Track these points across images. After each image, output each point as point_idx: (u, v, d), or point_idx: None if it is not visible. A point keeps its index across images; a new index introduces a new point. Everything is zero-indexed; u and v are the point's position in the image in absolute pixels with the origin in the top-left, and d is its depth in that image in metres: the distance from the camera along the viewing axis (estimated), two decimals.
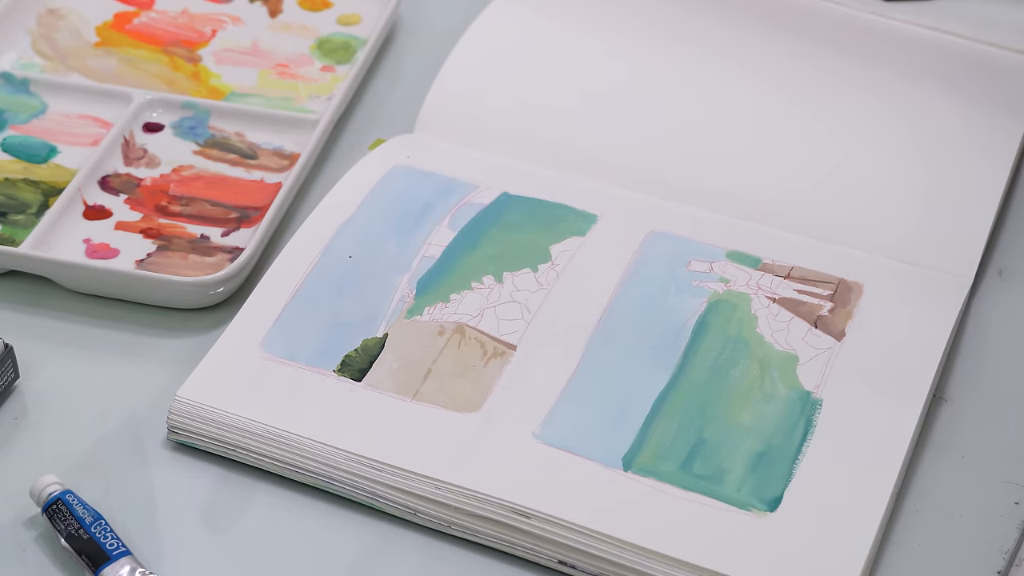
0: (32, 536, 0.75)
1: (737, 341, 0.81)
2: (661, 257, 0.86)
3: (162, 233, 0.90)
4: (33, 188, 0.93)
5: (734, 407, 0.78)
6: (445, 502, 0.74)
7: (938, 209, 0.90)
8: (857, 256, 0.86)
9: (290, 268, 0.85)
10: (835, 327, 0.82)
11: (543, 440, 0.76)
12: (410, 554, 0.74)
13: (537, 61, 1.00)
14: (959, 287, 0.85)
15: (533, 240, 0.87)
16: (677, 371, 0.79)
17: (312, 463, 0.76)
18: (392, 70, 1.04)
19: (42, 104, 1.00)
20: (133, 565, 0.72)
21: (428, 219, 0.88)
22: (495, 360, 0.80)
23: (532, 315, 0.82)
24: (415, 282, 0.84)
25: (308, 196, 0.94)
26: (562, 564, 0.73)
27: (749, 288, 0.84)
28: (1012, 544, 0.74)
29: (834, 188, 0.91)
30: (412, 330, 0.82)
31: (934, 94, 0.96)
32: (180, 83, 1.02)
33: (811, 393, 0.78)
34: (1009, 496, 0.76)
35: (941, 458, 0.78)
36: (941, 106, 0.95)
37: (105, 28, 1.06)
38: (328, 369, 0.80)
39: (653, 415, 0.77)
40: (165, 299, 0.86)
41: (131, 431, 0.80)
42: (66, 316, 0.86)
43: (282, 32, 1.07)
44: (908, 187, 0.91)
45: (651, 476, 0.74)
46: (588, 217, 0.88)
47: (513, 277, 0.85)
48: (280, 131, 0.98)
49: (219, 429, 0.77)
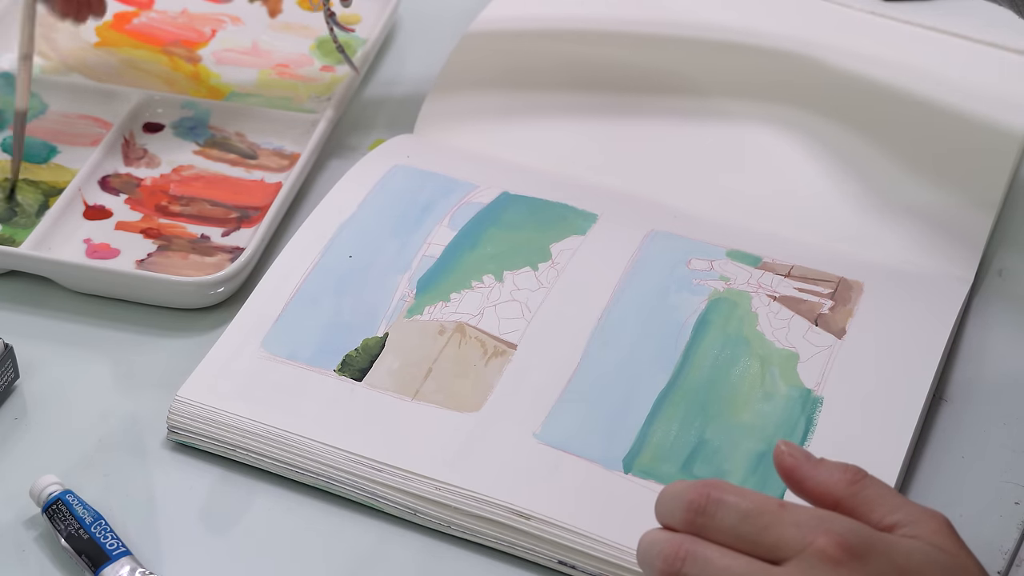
0: (32, 536, 0.75)
1: (737, 339, 0.81)
2: (661, 256, 0.86)
3: (162, 233, 0.90)
4: (33, 188, 0.93)
5: (734, 406, 0.78)
6: (445, 502, 0.74)
7: (938, 209, 0.90)
8: (857, 255, 0.87)
9: (290, 268, 0.85)
10: (836, 325, 0.82)
11: (543, 440, 0.76)
12: (410, 554, 0.74)
13: (536, 60, 1.00)
14: (959, 287, 0.85)
15: (533, 239, 0.87)
16: (677, 370, 0.79)
17: (312, 463, 0.76)
18: (392, 70, 1.04)
19: (42, 104, 1.00)
20: (133, 565, 0.72)
21: (428, 218, 0.88)
22: (495, 359, 0.80)
23: (532, 314, 0.82)
24: (415, 281, 0.84)
25: (308, 196, 0.94)
26: (562, 564, 0.73)
27: (749, 286, 0.84)
28: (1012, 544, 0.74)
29: (834, 188, 0.91)
30: (412, 329, 0.82)
31: (934, 94, 0.96)
32: (180, 83, 1.02)
33: (812, 391, 0.78)
34: (1009, 496, 0.76)
35: (941, 458, 0.78)
36: (941, 106, 0.95)
37: (105, 28, 1.06)
38: (328, 369, 0.80)
39: (653, 415, 0.77)
40: (165, 299, 0.86)
41: (131, 431, 0.80)
42: (66, 316, 0.86)
43: (282, 32, 1.07)
44: (908, 187, 0.91)
45: (652, 479, 0.74)
46: (588, 216, 0.88)
47: (513, 276, 0.85)
48: (280, 131, 0.98)
49: (219, 429, 0.77)
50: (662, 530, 0.63)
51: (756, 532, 0.61)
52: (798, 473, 0.64)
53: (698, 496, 0.62)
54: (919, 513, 0.63)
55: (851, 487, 0.63)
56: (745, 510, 0.62)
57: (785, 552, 0.61)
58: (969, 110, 0.95)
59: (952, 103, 0.96)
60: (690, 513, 0.62)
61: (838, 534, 0.61)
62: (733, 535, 0.62)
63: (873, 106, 0.96)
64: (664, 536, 0.62)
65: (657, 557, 0.62)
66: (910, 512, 0.63)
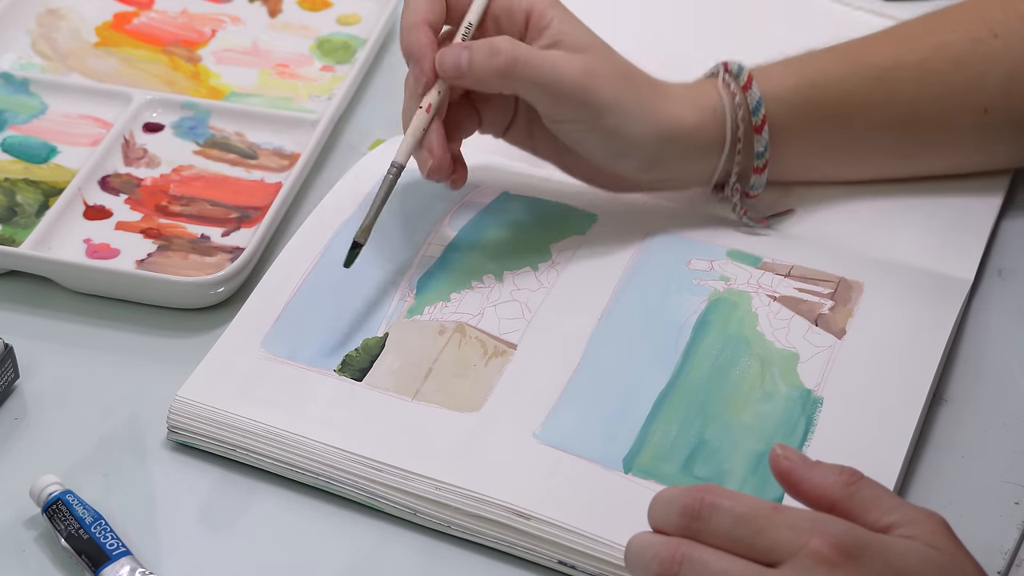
0: (32, 536, 0.75)
1: (737, 339, 0.81)
2: (661, 256, 0.86)
3: (162, 233, 0.90)
4: (33, 188, 0.93)
5: (734, 406, 0.78)
6: (445, 502, 0.74)
7: (939, 209, 0.90)
8: (857, 256, 0.86)
9: (290, 268, 0.85)
10: (836, 325, 0.81)
11: (543, 440, 0.76)
12: (410, 554, 0.74)
13: None
14: (959, 287, 0.85)
15: (533, 239, 0.87)
16: (677, 370, 0.79)
17: (312, 463, 0.76)
18: (392, 70, 1.04)
19: (42, 104, 1.00)
20: (133, 565, 0.72)
21: (428, 218, 0.88)
22: (495, 359, 0.80)
23: (532, 314, 0.82)
24: (415, 281, 0.84)
25: (308, 196, 0.94)
26: (562, 564, 0.73)
27: (749, 286, 0.84)
28: (1012, 544, 0.74)
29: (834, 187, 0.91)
30: (413, 329, 0.82)
31: None
32: (180, 83, 1.02)
33: (812, 391, 0.78)
34: (1009, 496, 0.76)
35: (941, 458, 0.78)
36: None
37: (105, 28, 1.06)
38: (328, 369, 0.80)
39: (653, 415, 0.77)
40: (165, 299, 0.86)
41: (131, 431, 0.80)
42: (66, 316, 0.86)
43: (282, 32, 1.07)
44: (908, 186, 0.91)
45: (652, 479, 0.74)
46: (588, 216, 0.88)
47: (513, 276, 0.85)
48: (280, 131, 0.98)
49: (219, 429, 0.77)
50: (654, 533, 0.64)
51: (751, 535, 0.62)
52: (794, 476, 0.64)
53: (693, 500, 0.63)
54: (916, 514, 0.63)
55: (847, 489, 0.64)
56: (740, 514, 0.62)
57: (780, 554, 0.61)
58: None
59: None
60: (685, 518, 0.63)
61: (832, 535, 0.61)
62: (728, 538, 0.62)
63: None
64: (659, 539, 0.63)
65: (653, 560, 0.62)
66: (907, 513, 0.63)
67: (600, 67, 0.81)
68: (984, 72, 0.86)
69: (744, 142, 0.85)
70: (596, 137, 0.83)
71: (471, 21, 0.82)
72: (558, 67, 0.80)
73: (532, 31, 0.82)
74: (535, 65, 0.80)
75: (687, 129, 0.84)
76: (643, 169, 0.85)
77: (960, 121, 0.87)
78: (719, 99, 0.85)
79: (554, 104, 0.82)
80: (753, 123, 0.85)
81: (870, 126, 0.87)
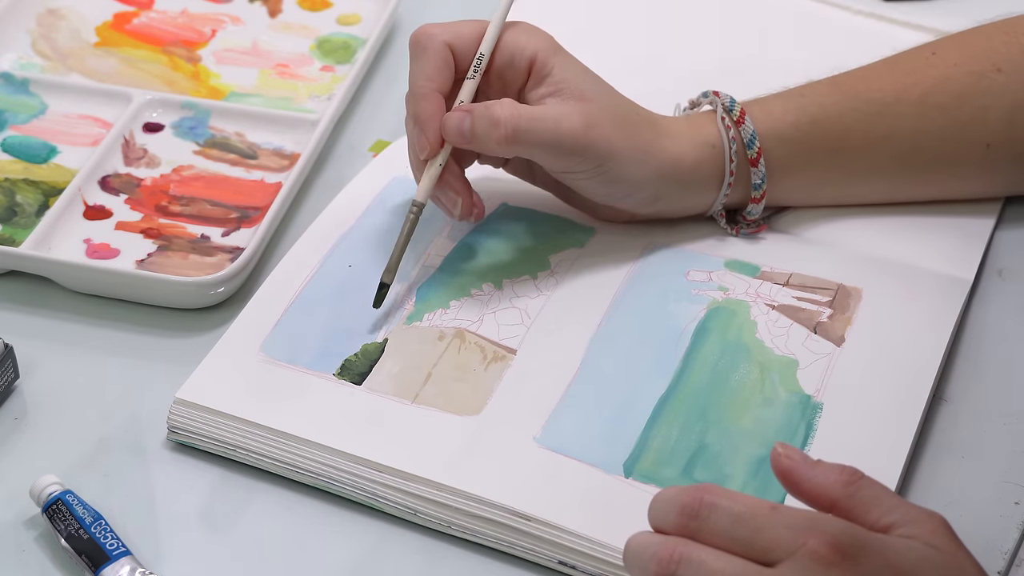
0: (32, 536, 0.75)
1: (737, 346, 0.81)
2: (659, 266, 0.86)
3: (162, 233, 0.90)
4: (33, 188, 0.93)
5: (735, 411, 0.78)
6: (445, 503, 0.74)
7: (939, 209, 0.90)
8: (856, 258, 0.86)
9: (290, 274, 0.85)
10: (835, 333, 0.81)
11: (544, 444, 0.76)
12: (410, 554, 0.74)
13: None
14: (959, 287, 0.85)
15: (532, 251, 0.87)
16: (677, 376, 0.79)
17: (312, 463, 0.76)
18: (392, 70, 1.04)
19: (42, 104, 1.00)
20: (133, 565, 0.72)
21: (428, 230, 0.88)
22: (495, 364, 0.80)
23: (532, 320, 0.82)
24: (415, 289, 0.84)
25: (308, 196, 0.94)
26: (562, 564, 0.73)
27: (748, 296, 0.84)
28: (1012, 544, 0.74)
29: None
30: (412, 335, 0.82)
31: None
32: (180, 83, 1.02)
33: (811, 397, 0.78)
34: (1009, 496, 0.76)
35: (941, 458, 0.78)
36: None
37: (105, 28, 1.07)
38: (328, 372, 0.80)
39: (653, 420, 0.77)
40: (165, 299, 0.86)
41: (131, 431, 0.80)
42: (66, 316, 0.86)
43: (282, 32, 1.07)
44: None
45: (652, 483, 0.74)
46: (586, 230, 0.88)
47: (512, 284, 0.85)
48: (280, 131, 0.98)
49: (219, 429, 0.77)
50: (652, 533, 0.64)
51: (749, 535, 0.62)
52: (795, 475, 0.64)
53: (691, 500, 0.63)
54: (916, 513, 0.63)
55: (847, 488, 0.64)
56: (738, 513, 0.62)
57: (778, 554, 0.61)
58: None
59: None
60: (683, 517, 0.63)
61: (830, 535, 0.61)
62: (726, 538, 0.62)
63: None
64: (658, 539, 0.63)
65: (651, 560, 0.62)
66: (907, 512, 0.63)
67: (600, 117, 0.82)
68: (987, 106, 0.86)
69: (740, 175, 0.86)
70: (598, 183, 0.83)
71: (483, 52, 0.83)
72: (560, 126, 0.81)
73: (534, 78, 0.83)
74: (537, 130, 0.81)
75: (687, 167, 0.85)
76: (643, 205, 0.85)
77: (962, 155, 0.87)
78: (718, 135, 0.85)
79: (556, 160, 0.82)
80: (749, 156, 0.85)
81: (870, 160, 0.87)
